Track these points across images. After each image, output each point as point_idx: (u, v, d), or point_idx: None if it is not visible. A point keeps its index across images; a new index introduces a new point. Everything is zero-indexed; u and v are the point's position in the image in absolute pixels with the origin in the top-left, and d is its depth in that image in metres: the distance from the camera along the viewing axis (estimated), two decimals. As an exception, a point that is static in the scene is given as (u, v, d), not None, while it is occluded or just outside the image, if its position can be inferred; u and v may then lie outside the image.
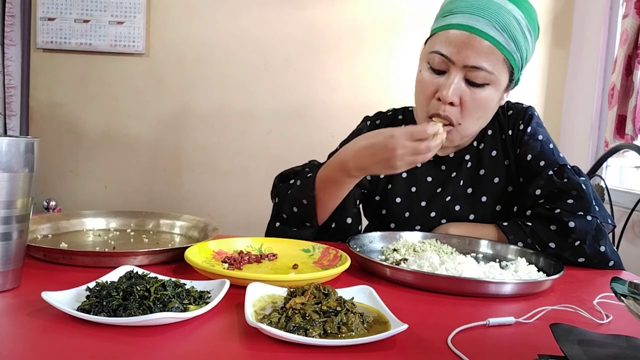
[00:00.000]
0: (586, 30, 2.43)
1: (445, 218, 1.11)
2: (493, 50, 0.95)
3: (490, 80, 0.97)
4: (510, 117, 1.12)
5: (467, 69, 0.96)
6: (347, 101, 2.52)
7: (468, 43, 0.95)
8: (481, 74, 0.96)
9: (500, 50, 0.95)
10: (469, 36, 0.95)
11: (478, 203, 1.11)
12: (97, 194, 2.56)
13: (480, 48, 0.94)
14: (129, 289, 0.58)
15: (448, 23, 0.98)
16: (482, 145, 1.12)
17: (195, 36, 2.51)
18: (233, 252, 0.88)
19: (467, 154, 1.12)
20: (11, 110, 2.43)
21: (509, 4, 0.96)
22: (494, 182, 1.10)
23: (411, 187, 1.14)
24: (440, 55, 0.97)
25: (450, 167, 1.13)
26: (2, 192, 0.62)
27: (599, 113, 2.36)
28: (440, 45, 0.98)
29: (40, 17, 2.45)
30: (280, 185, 1.10)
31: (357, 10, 2.51)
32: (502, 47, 0.95)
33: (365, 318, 0.58)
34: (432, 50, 0.99)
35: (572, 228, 0.95)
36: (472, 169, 1.12)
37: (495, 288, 0.74)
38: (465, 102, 0.98)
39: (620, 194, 2.08)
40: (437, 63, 0.99)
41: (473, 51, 0.95)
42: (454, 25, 0.97)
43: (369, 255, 0.87)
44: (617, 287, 0.49)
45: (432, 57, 0.99)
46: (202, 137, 2.56)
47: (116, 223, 1.05)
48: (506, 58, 0.97)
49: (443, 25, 0.99)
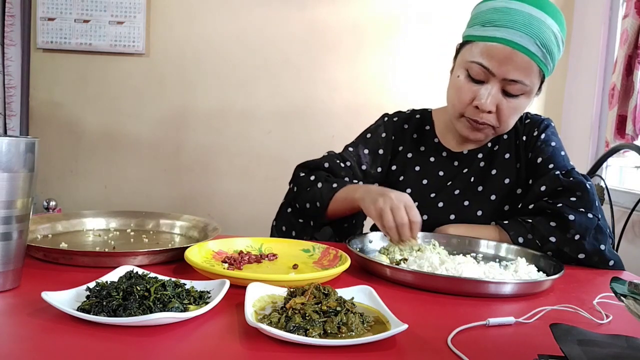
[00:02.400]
0: (586, 30, 2.43)
1: (453, 211, 1.14)
2: (532, 65, 1.00)
3: (525, 91, 1.03)
4: (527, 124, 1.18)
5: (505, 82, 1.01)
6: (347, 101, 2.52)
7: (510, 58, 0.99)
8: (518, 86, 1.01)
9: (537, 64, 1.00)
10: (512, 51, 0.98)
11: (487, 201, 1.13)
12: (97, 194, 2.56)
13: (520, 63, 0.99)
14: (129, 289, 0.58)
15: (491, 35, 1.00)
16: (497, 147, 1.17)
17: (195, 36, 2.51)
18: (233, 252, 0.88)
19: (480, 153, 1.17)
20: (11, 110, 2.43)
21: (548, 19, 1.00)
22: (505, 182, 1.14)
23: (422, 180, 1.19)
24: (481, 66, 1.01)
25: (462, 163, 1.18)
26: (2, 192, 0.62)
27: (599, 113, 2.36)
28: (482, 56, 1.02)
29: (40, 17, 2.45)
30: (302, 176, 1.16)
31: (357, 10, 2.51)
32: (539, 60, 1.00)
33: (365, 318, 0.58)
34: (473, 60, 1.03)
35: (572, 221, 0.97)
36: (485, 168, 1.16)
37: (495, 288, 0.74)
38: (501, 109, 1.04)
39: (620, 194, 2.08)
40: (476, 73, 1.03)
41: (514, 66, 0.99)
42: (497, 39, 1.00)
43: (369, 255, 0.87)
44: (617, 287, 0.49)
45: (471, 66, 1.03)
46: (202, 137, 2.56)
47: (116, 223, 1.05)
48: (541, 69, 1.02)
49: (485, 37, 1.02)
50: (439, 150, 1.20)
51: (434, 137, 1.22)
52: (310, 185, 1.12)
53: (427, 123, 1.24)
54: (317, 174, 1.14)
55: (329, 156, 1.20)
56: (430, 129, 1.23)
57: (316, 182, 1.11)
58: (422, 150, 1.22)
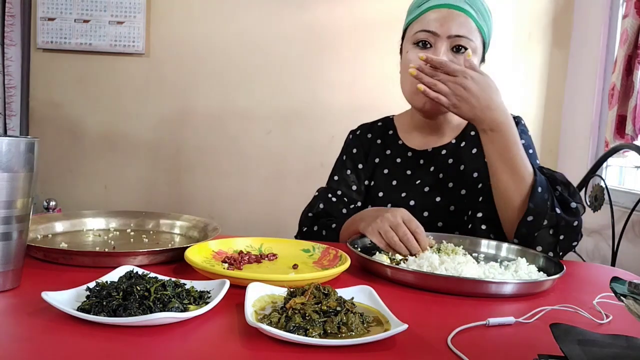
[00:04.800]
0: (586, 31, 2.43)
1: (425, 208, 1.16)
2: (469, 21, 1.10)
3: (471, 47, 1.10)
4: None
5: (451, 39, 1.09)
6: (347, 101, 2.52)
7: (449, 17, 1.09)
8: (464, 41, 1.09)
9: (473, 20, 1.10)
10: (448, 11, 1.10)
11: (457, 196, 1.16)
12: (97, 194, 2.56)
13: (459, 19, 1.09)
14: (129, 289, 0.58)
15: (426, 7, 1.12)
16: (463, 143, 1.21)
17: (195, 36, 2.51)
18: (233, 252, 0.88)
19: (444, 149, 1.21)
20: (11, 110, 2.43)
21: None
22: (473, 176, 1.17)
23: (392, 181, 1.22)
24: (426, 31, 1.10)
25: (428, 161, 1.21)
26: (2, 192, 0.62)
27: (599, 113, 2.36)
28: (423, 24, 1.11)
29: (40, 17, 2.45)
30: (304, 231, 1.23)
31: (357, 10, 2.51)
32: (473, 17, 1.11)
33: (365, 318, 0.58)
34: (417, 31, 1.12)
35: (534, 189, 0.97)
36: (452, 164, 1.19)
37: (495, 288, 0.74)
38: None
39: (620, 194, 2.08)
40: (423, 38, 1.11)
41: (454, 22, 1.09)
42: (432, 7, 1.11)
43: (369, 255, 0.87)
44: (617, 287, 0.49)
45: (417, 37, 1.12)
46: (202, 137, 2.56)
47: (116, 223, 1.05)
48: (478, 28, 1.11)
49: (421, 11, 1.13)
50: (404, 150, 1.24)
51: (398, 140, 1.26)
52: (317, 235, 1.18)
53: (390, 128, 1.29)
54: (318, 223, 1.20)
55: (320, 195, 1.26)
56: (393, 132, 1.28)
57: (320, 231, 1.18)
58: (387, 154, 1.26)
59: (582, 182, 1.83)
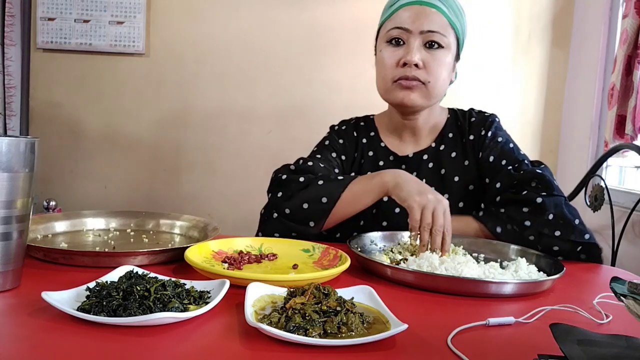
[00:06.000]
0: (586, 30, 2.43)
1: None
2: (441, 17, 1.10)
3: (444, 43, 1.10)
4: (473, 123, 1.21)
5: (423, 34, 1.10)
6: (346, 101, 2.52)
7: (421, 12, 1.10)
8: (437, 36, 1.10)
9: (445, 17, 1.10)
10: (421, 7, 1.10)
11: None
12: (97, 194, 2.55)
13: (431, 15, 1.10)
14: (129, 289, 0.59)
15: (398, 5, 1.12)
16: (443, 146, 1.20)
17: (195, 36, 2.50)
18: (233, 252, 0.88)
19: (425, 154, 1.20)
20: (11, 110, 2.43)
21: None
22: (454, 180, 1.17)
23: None
24: (398, 28, 1.11)
25: (410, 167, 1.20)
26: (2, 192, 0.62)
27: (598, 113, 2.36)
28: (396, 22, 1.12)
29: (40, 17, 2.44)
30: (286, 178, 1.07)
31: (357, 10, 2.51)
32: (446, 14, 1.10)
33: (365, 318, 0.58)
34: (390, 28, 1.12)
35: (541, 203, 1.00)
36: (433, 169, 1.19)
37: (495, 288, 0.74)
38: (428, 63, 1.10)
39: (620, 194, 2.08)
40: (396, 35, 1.11)
41: (426, 18, 1.09)
42: (404, 4, 1.11)
43: (369, 255, 0.87)
44: (616, 287, 0.49)
45: (390, 34, 1.12)
46: (202, 137, 2.56)
47: (116, 223, 1.05)
48: (451, 25, 1.11)
49: (394, 9, 1.13)
50: (386, 154, 1.23)
51: (380, 142, 1.25)
52: (302, 184, 1.04)
53: (372, 129, 1.27)
54: (306, 176, 1.07)
55: (306, 158, 1.16)
56: (375, 134, 1.26)
57: (316, 180, 1.04)
58: (370, 155, 1.24)
59: (582, 182, 1.83)
